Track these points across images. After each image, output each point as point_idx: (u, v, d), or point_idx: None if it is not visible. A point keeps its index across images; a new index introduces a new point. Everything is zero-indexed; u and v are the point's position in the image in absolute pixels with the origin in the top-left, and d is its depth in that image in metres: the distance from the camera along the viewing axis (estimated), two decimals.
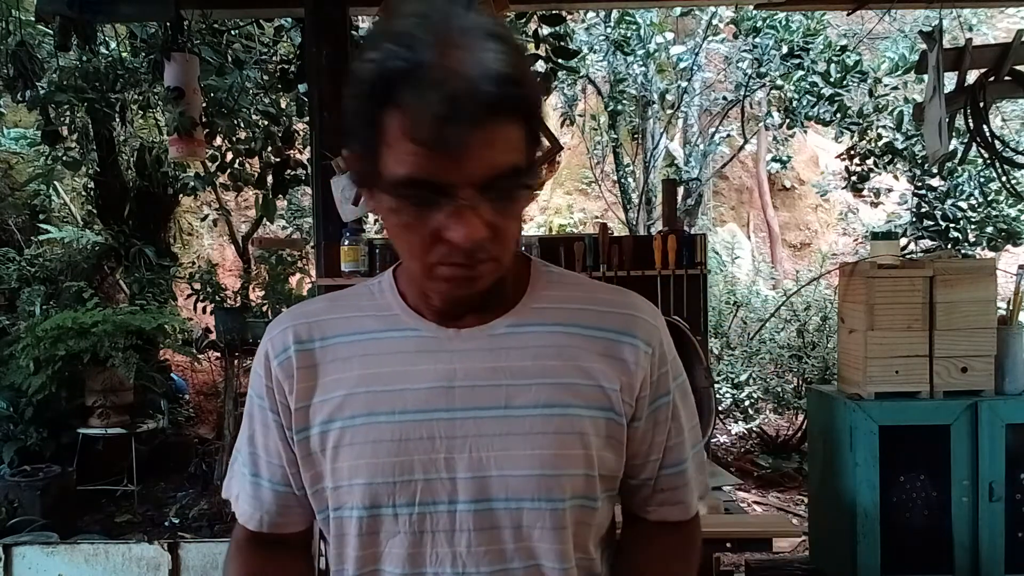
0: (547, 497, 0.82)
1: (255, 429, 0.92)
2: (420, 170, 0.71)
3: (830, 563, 2.88)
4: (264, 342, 0.92)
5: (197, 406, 6.37)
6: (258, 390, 0.90)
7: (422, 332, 0.86)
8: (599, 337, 0.87)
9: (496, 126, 0.71)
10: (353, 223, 2.82)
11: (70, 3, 2.75)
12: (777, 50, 5.80)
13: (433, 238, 0.75)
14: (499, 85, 0.70)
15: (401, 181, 0.73)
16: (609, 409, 0.86)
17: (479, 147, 0.71)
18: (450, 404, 0.83)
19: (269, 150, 4.56)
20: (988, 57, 2.94)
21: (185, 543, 2.94)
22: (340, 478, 0.84)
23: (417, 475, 0.82)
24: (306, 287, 5.31)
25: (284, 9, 3.66)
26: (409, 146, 0.71)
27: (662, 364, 0.90)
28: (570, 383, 0.84)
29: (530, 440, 0.82)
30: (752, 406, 5.63)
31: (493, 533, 0.83)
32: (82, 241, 5.30)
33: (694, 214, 7.07)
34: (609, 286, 0.94)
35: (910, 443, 2.70)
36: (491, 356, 0.84)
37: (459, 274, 0.78)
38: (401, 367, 0.85)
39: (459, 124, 0.69)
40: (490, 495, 0.82)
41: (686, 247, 2.91)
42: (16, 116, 5.89)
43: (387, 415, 0.83)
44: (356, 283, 1.08)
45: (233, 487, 0.96)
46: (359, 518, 0.84)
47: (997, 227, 5.61)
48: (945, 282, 2.68)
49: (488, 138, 0.71)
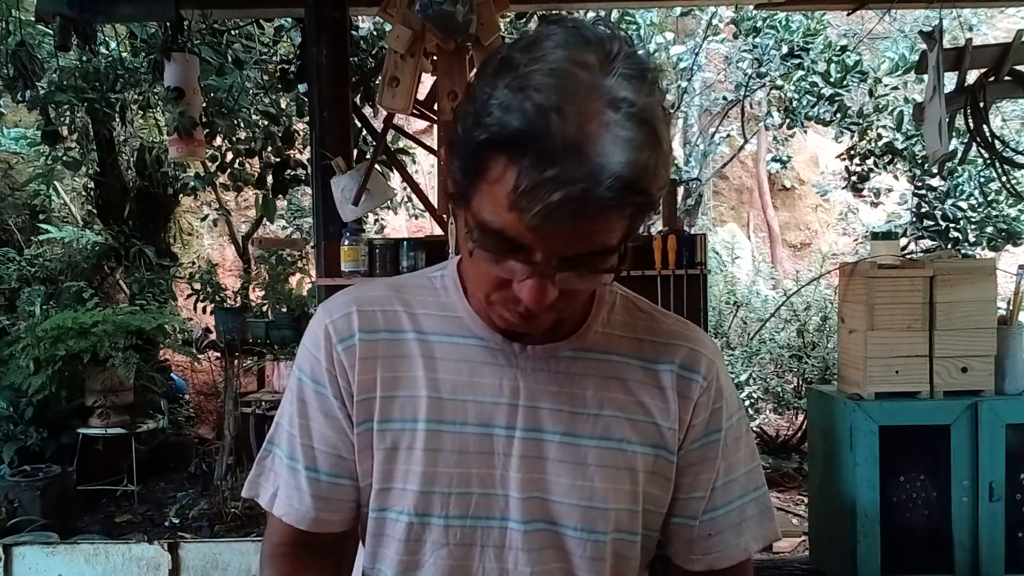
0: (590, 528, 0.82)
1: (310, 416, 0.86)
2: (509, 230, 0.68)
3: (830, 563, 2.88)
4: (322, 323, 0.86)
5: (197, 406, 6.37)
6: (316, 375, 0.86)
7: (488, 343, 0.84)
8: (660, 370, 0.87)
9: (604, 220, 0.68)
10: (353, 223, 2.82)
11: (70, 3, 2.75)
12: (777, 50, 5.80)
13: (502, 282, 0.74)
14: (624, 192, 0.65)
15: (487, 228, 0.70)
16: (662, 447, 0.86)
17: (576, 234, 0.68)
18: (511, 422, 0.82)
19: (269, 150, 4.56)
20: (988, 57, 2.94)
21: (185, 543, 2.94)
22: (391, 480, 0.83)
23: (474, 488, 0.82)
24: (306, 287, 5.31)
25: (284, 9, 3.67)
26: (507, 208, 0.67)
27: (717, 399, 0.88)
28: (627, 418, 0.84)
29: (582, 471, 0.82)
30: (752, 406, 5.63)
31: (542, 554, 0.83)
32: (82, 241, 5.29)
33: (694, 214, 7.07)
34: (672, 315, 0.93)
35: (910, 443, 2.70)
36: (555, 379, 0.84)
37: (519, 323, 0.77)
38: (466, 377, 0.83)
39: (565, 220, 0.65)
40: (539, 517, 0.82)
41: (686, 247, 2.91)
42: (16, 116, 5.89)
43: (449, 424, 0.82)
44: (355, 283, 1.06)
45: (265, 484, 0.89)
46: (407, 523, 0.83)
47: (997, 227, 5.61)
48: (945, 282, 2.68)
49: (590, 229, 0.68)
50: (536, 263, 0.70)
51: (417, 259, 2.85)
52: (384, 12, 2.61)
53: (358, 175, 2.78)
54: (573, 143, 0.64)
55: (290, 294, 5.13)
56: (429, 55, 2.67)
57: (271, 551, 0.90)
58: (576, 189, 0.64)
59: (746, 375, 5.69)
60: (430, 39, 2.56)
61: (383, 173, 3.42)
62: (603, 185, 0.64)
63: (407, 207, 6.94)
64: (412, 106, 2.67)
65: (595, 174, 0.64)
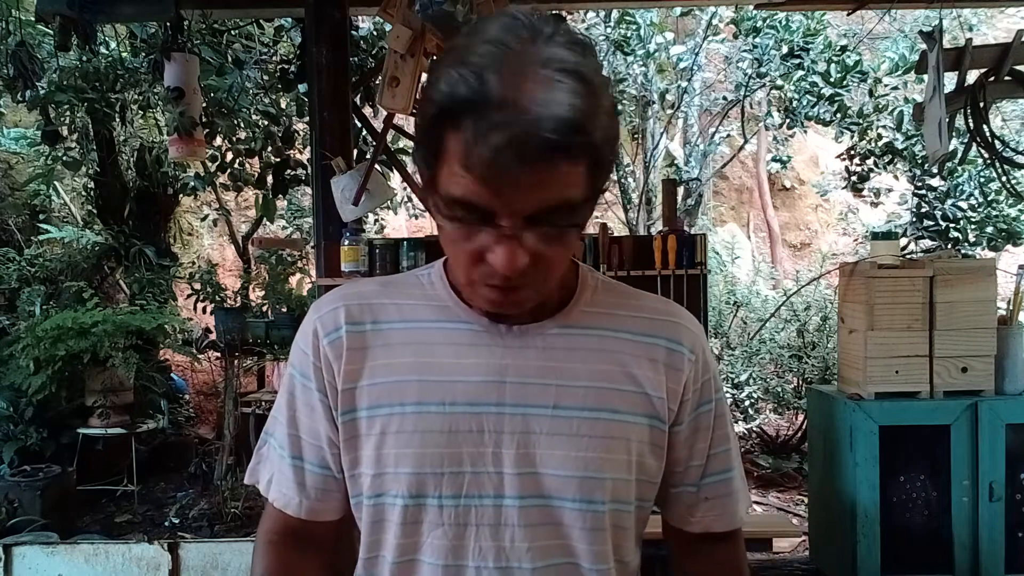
0: (587, 499, 0.84)
1: (297, 409, 0.90)
2: (469, 194, 0.72)
3: (830, 563, 2.88)
4: (311, 320, 0.90)
5: (197, 406, 6.38)
6: (303, 369, 0.89)
7: (474, 326, 0.86)
8: (646, 343, 0.89)
9: (553, 168, 0.71)
10: (353, 223, 2.82)
11: (70, 3, 2.75)
12: (777, 50, 5.80)
13: (477, 257, 0.76)
14: (563, 131, 0.69)
15: (452, 200, 0.74)
16: (654, 416, 0.87)
17: (530, 185, 0.71)
18: (500, 399, 0.84)
19: (269, 150, 4.56)
20: (988, 57, 2.94)
21: (185, 543, 2.94)
22: (385, 465, 0.84)
23: (465, 467, 0.83)
24: (306, 287, 5.32)
25: (284, 9, 3.66)
26: (462, 171, 0.71)
27: (705, 371, 0.91)
28: (617, 389, 0.86)
29: (575, 442, 0.84)
30: (752, 406, 5.63)
31: (538, 529, 0.84)
32: (82, 241, 5.30)
33: (694, 214, 7.07)
34: (654, 296, 0.96)
35: (910, 443, 2.70)
36: (542, 355, 0.85)
37: (499, 297, 0.79)
38: (453, 359, 0.85)
39: (512, 165, 0.69)
40: (535, 492, 0.83)
41: (686, 247, 2.91)
42: (16, 116, 5.89)
43: (437, 405, 0.83)
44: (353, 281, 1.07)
45: (262, 472, 0.93)
46: (403, 506, 0.84)
47: (997, 227, 5.61)
48: (945, 282, 2.68)
49: (541, 178, 0.71)
50: (501, 227, 0.73)
51: (417, 259, 2.85)
52: (384, 12, 2.61)
53: (358, 175, 2.78)
54: (512, 98, 0.69)
55: (290, 294, 5.14)
56: (429, 55, 2.67)
57: (264, 537, 0.94)
58: (517, 130, 0.68)
59: (746, 375, 5.69)
60: (430, 39, 2.56)
61: (383, 173, 3.42)
62: (544, 128, 0.68)
63: (407, 207, 6.94)
64: (412, 106, 2.67)
65: (536, 120, 0.68)
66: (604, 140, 0.73)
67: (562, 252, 0.79)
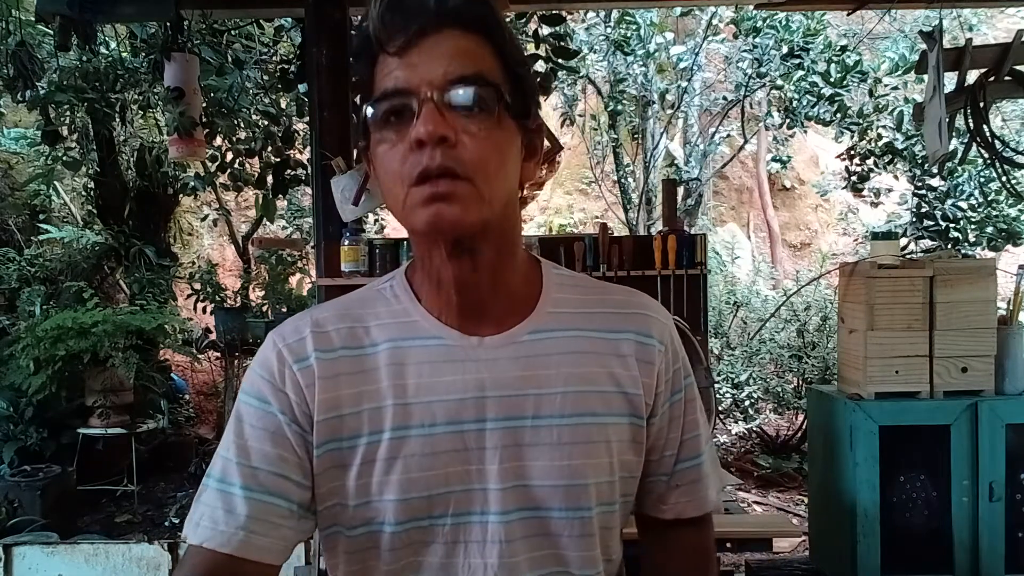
0: (575, 506, 0.83)
1: (247, 437, 0.82)
2: (387, 80, 0.76)
3: (830, 563, 2.88)
4: (274, 347, 0.85)
5: (197, 406, 6.38)
6: (259, 394, 0.83)
7: (445, 340, 0.84)
8: (617, 339, 0.88)
9: (449, 33, 0.76)
10: (353, 223, 2.82)
11: (70, 3, 2.75)
12: (777, 50, 5.81)
13: (408, 149, 0.75)
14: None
15: (376, 100, 0.77)
16: (632, 413, 0.87)
17: (434, 53, 0.75)
18: (480, 415, 0.82)
19: (269, 150, 4.56)
20: (988, 57, 2.93)
21: (185, 543, 2.93)
22: (368, 494, 0.81)
23: (453, 487, 0.81)
24: (306, 287, 5.32)
25: (284, 9, 3.66)
26: (376, 65, 0.77)
27: (675, 361, 0.91)
28: (593, 390, 0.85)
29: (558, 450, 0.83)
30: (752, 406, 5.63)
31: (523, 543, 0.83)
32: (82, 241, 5.30)
33: (694, 214, 7.08)
34: (618, 287, 0.95)
35: (910, 443, 2.70)
36: (517, 365, 0.84)
37: (435, 191, 0.75)
38: (428, 378, 0.82)
39: (406, 26, 0.75)
40: (523, 504, 0.82)
41: (686, 247, 2.91)
42: (16, 116, 5.89)
43: (418, 428, 0.81)
44: (357, 283, 1.06)
45: (193, 518, 0.82)
46: (392, 533, 0.81)
47: (997, 227, 5.61)
48: (945, 282, 2.68)
49: (443, 45, 0.75)
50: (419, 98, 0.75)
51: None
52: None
53: (358, 175, 2.77)
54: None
55: (290, 294, 5.14)
56: None
57: None
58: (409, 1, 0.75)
59: (746, 375, 5.69)
60: None
61: None
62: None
63: None
64: None
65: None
66: (496, 22, 0.78)
67: (490, 139, 0.76)
